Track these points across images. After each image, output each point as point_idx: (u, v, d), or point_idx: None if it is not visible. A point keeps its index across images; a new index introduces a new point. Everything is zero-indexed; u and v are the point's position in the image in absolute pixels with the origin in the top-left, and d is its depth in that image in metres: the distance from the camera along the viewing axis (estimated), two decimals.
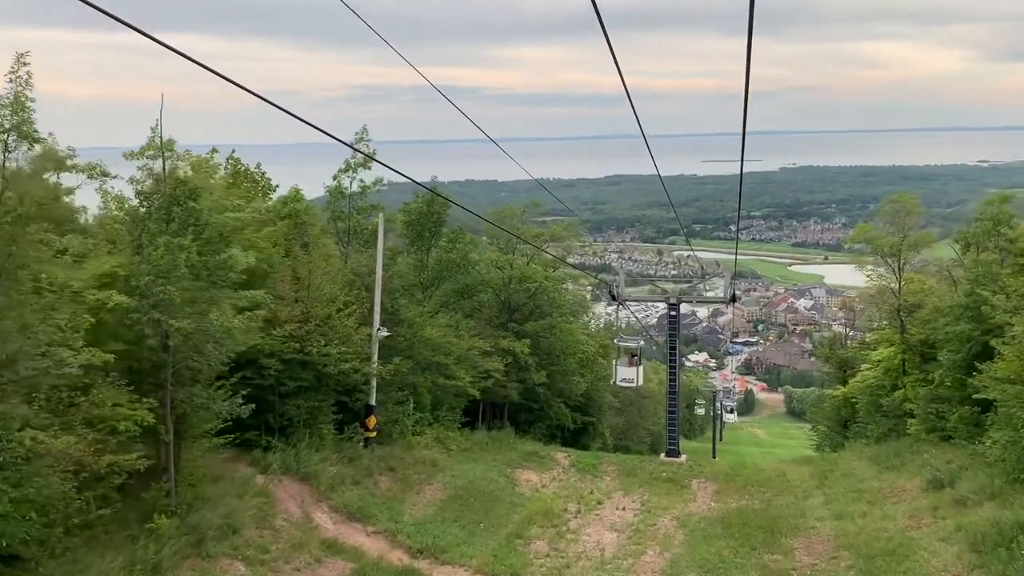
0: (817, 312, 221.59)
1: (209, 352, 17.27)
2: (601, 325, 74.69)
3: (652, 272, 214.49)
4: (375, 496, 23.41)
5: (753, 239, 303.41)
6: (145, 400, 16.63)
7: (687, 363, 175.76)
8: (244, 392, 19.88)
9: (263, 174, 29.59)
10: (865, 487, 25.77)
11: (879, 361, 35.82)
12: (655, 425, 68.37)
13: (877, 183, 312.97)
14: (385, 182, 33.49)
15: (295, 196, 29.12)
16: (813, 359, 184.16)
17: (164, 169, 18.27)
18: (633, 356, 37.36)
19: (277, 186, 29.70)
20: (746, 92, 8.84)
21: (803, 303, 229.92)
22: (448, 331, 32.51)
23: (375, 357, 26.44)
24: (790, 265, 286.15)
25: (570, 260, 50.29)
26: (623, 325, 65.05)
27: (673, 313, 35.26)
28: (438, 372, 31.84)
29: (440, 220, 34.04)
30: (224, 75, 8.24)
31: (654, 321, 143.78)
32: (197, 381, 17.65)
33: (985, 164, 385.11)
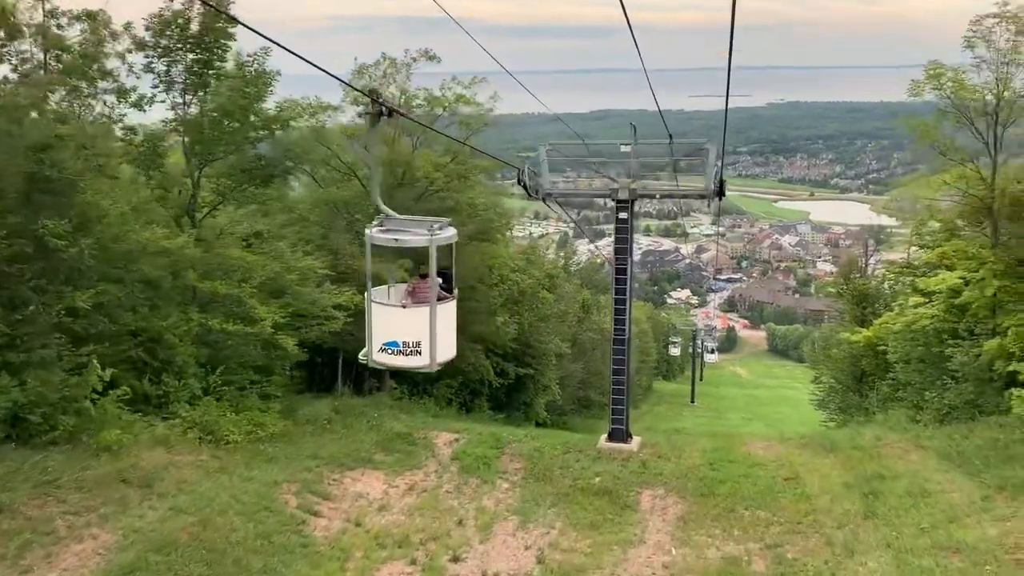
0: (802, 248, 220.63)
1: None
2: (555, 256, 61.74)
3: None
4: None
5: (739, 175, 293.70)
6: None
7: (669, 300, 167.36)
8: None
9: None
10: (969, 539, 12.95)
11: (940, 292, 22.54)
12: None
13: (865, 119, 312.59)
14: None
15: None
16: (797, 296, 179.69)
17: None
18: (423, 278, 9.94)
19: None
20: (732, 25, 8.16)
21: (788, 239, 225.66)
22: (234, 240, 19.27)
23: None
24: (776, 201, 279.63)
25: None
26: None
27: (623, 215, 21.29)
28: (220, 310, 18.78)
29: (219, 44, 19.46)
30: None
31: (637, 257, 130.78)
32: None
33: None
